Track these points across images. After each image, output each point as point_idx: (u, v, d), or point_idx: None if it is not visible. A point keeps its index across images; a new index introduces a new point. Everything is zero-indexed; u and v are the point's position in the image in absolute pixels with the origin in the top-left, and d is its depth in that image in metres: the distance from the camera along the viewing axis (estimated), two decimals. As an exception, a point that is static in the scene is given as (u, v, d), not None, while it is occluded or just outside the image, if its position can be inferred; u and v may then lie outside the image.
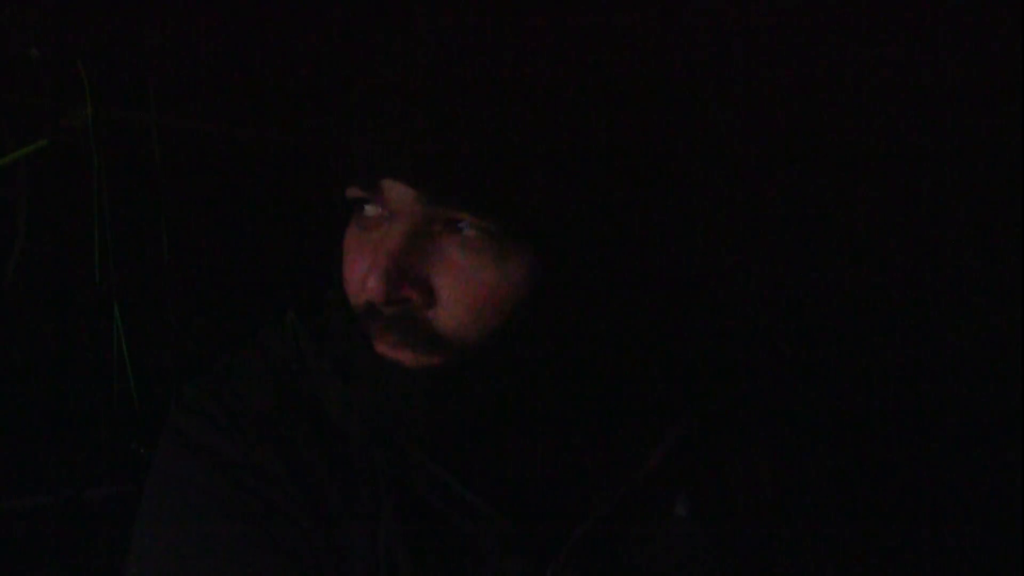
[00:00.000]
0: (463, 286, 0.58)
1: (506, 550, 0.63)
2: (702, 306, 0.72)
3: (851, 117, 1.18)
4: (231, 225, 1.31)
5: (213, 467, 0.65)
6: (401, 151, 0.56)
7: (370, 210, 0.61)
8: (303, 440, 0.66)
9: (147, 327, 1.23)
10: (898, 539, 0.72)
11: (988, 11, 1.13)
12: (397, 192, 0.58)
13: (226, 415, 0.67)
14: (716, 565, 0.65)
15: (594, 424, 0.66)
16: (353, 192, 0.61)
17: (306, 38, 1.30)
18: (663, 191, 0.61)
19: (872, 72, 1.18)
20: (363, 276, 0.59)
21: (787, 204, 1.15)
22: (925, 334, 1.15)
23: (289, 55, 1.30)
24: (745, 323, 0.77)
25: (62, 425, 1.18)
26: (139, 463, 1.15)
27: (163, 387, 1.22)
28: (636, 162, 0.59)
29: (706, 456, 0.67)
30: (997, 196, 1.16)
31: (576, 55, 0.57)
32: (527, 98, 0.56)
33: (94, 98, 1.17)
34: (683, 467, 0.66)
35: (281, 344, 0.70)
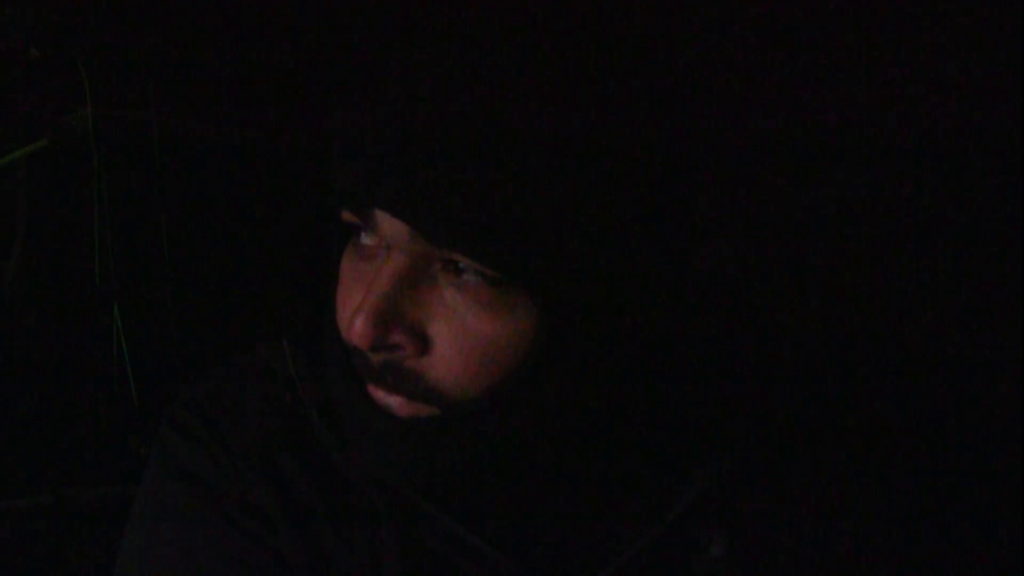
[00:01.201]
0: (460, 335, 0.53)
1: None
2: (733, 341, 0.67)
3: (858, 121, 1.18)
4: (231, 225, 1.31)
5: (201, 498, 0.62)
6: (395, 183, 0.50)
7: (366, 238, 0.56)
8: (298, 474, 0.62)
9: (147, 327, 1.23)
10: None
11: (988, 11, 1.13)
12: (391, 225, 0.52)
13: (215, 439, 0.63)
14: None
15: (618, 465, 0.61)
16: (346, 217, 0.55)
17: (308, 38, 1.30)
18: (676, 239, 0.55)
19: (881, 75, 1.18)
20: (352, 313, 0.53)
21: (808, 239, 1.13)
22: (975, 369, 1.11)
23: (290, 55, 1.30)
24: (781, 356, 0.72)
25: (62, 425, 1.18)
26: (139, 463, 1.15)
27: (163, 387, 1.22)
28: (647, 210, 0.53)
29: (744, 493, 0.62)
30: (998, 196, 1.16)
31: (586, 95, 0.51)
32: (532, 138, 0.50)
33: (94, 98, 1.17)
34: (719, 506, 0.61)
35: (280, 364, 0.65)
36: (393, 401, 0.55)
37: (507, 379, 0.53)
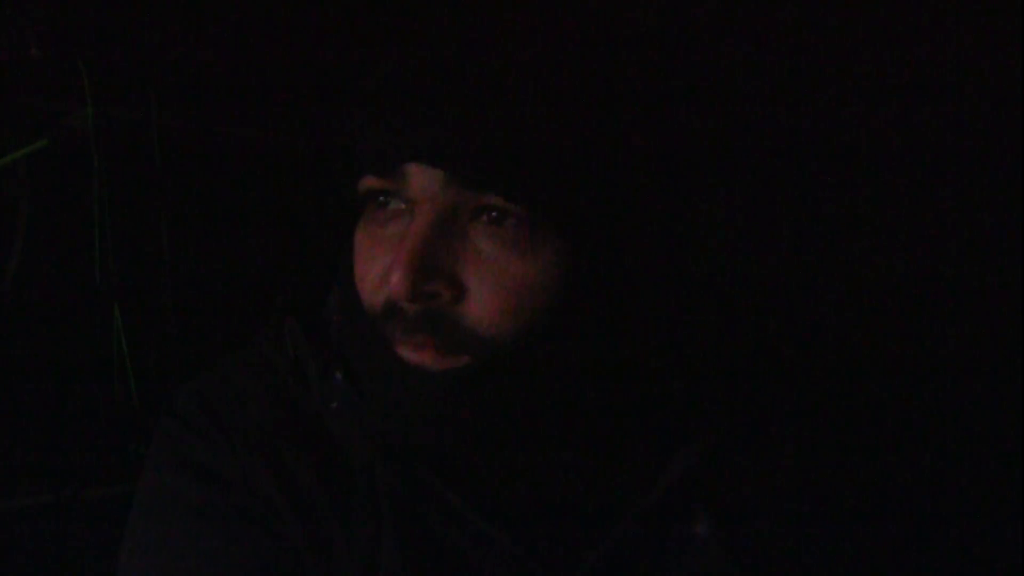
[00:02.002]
0: (493, 278, 0.55)
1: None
2: (719, 319, 0.69)
3: (860, 117, 1.18)
4: (231, 225, 1.31)
5: (203, 484, 0.63)
6: (430, 133, 0.53)
7: (385, 203, 0.58)
8: (298, 457, 0.63)
9: (147, 327, 1.23)
10: (927, 555, 0.69)
11: (988, 11, 1.13)
12: (423, 178, 0.55)
13: (217, 428, 0.64)
14: None
15: (607, 443, 0.63)
16: (369, 183, 0.57)
17: (306, 37, 1.30)
18: (689, 184, 0.59)
19: (878, 72, 1.18)
20: (382, 274, 0.56)
21: (803, 214, 1.14)
22: (950, 349, 1.13)
23: (289, 54, 1.30)
24: (763, 338, 0.74)
25: (62, 425, 1.18)
26: (139, 463, 1.15)
27: (163, 387, 1.22)
28: (664, 150, 0.56)
29: (726, 472, 0.63)
30: (998, 196, 1.16)
31: (610, 39, 0.55)
32: (557, 81, 0.53)
33: (94, 98, 1.17)
34: (702, 485, 0.62)
35: (278, 352, 0.66)
36: (426, 357, 0.56)
37: (536, 321, 0.56)
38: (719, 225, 0.65)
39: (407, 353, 0.57)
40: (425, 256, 0.54)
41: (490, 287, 0.55)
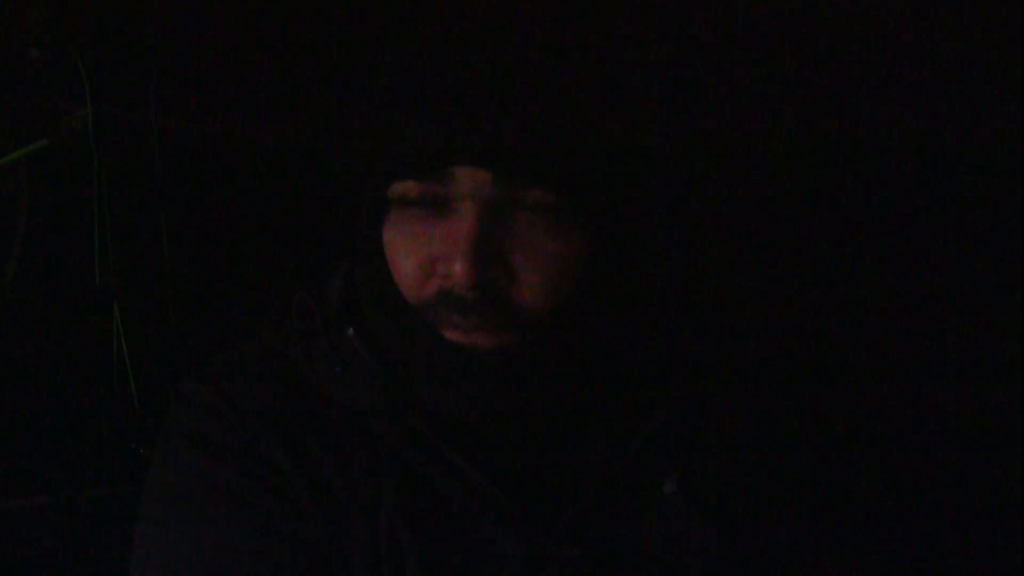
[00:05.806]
0: (537, 259, 0.61)
1: (508, 528, 0.65)
2: (691, 296, 0.76)
3: (856, 117, 1.18)
4: (231, 225, 1.31)
5: (213, 455, 0.66)
6: (483, 138, 0.59)
7: (421, 202, 0.62)
8: (302, 425, 0.67)
9: (147, 327, 1.23)
10: (879, 505, 0.77)
11: (988, 9, 1.13)
12: (471, 178, 0.60)
13: (225, 403, 0.68)
14: (704, 538, 0.67)
15: (593, 407, 0.68)
16: (410, 186, 0.62)
17: (307, 38, 1.30)
18: (684, 179, 0.68)
19: (873, 72, 1.18)
20: (425, 266, 0.62)
21: (786, 207, 1.15)
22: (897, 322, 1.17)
23: (290, 55, 1.30)
24: (726, 317, 0.81)
25: (62, 425, 1.18)
26: (139, 463, 1.15)
27: (163, 387, 1.22)
28: (668, 154, 0.65)
29: (690, 436, 0.70)
30: (997, 196, 1.16)
31: (628, 56, 0.63)
32: (585, 87, 0.61)
33: (94, 98, 1.17)
34: (668, 447, 0.69)
35: (279, 335, 0.71)
36: (477, 338, 0.62)
37: (568, 296, 0.63)
38: (715, 217, 0.73)
39: (457, 336, 0.62)
40: (483, 246, 0.60)
41: (535, 268, 0.61)
